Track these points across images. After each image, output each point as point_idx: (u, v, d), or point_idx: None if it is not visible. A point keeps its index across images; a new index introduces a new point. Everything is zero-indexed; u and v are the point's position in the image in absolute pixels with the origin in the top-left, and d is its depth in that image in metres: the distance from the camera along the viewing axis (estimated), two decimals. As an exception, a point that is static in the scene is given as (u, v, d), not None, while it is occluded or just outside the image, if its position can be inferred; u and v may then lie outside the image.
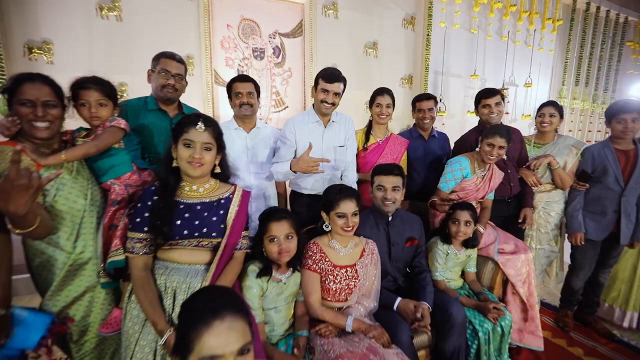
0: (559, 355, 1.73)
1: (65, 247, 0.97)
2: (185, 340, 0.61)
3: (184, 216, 0.96)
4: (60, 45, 2.53)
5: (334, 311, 1.20)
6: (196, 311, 0.63)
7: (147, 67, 2.85)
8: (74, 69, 2.51)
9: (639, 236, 1.80)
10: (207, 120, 0.97)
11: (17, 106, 0.93)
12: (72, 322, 1.00)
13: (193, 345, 0.60)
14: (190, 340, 0.60)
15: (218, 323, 0.60)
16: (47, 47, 2.52)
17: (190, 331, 0.61)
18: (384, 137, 1.78)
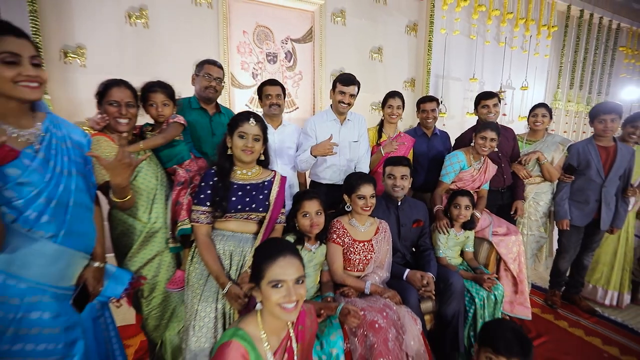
0: (547, 327, 1.99)
1: (142, 218, 1.22)
2: (259, 271, 0.87)
3: (237, 194, 1.21)
4: (93, 49, 2.77)
5: (354, 277, 1.45)
6: (267, 251, 0.89)
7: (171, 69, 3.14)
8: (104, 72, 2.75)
9: (618, 223, 2.06)
10: (257, 117, 1.22)
11: (106, 106, 1.18)
12: (144, 280, 1.25)
13: (264, 274, 0.85)
14: (262, 270, 0.86)
15: (281, 258, 0.86)
16: (80, 52, 2.77)
17: (262, 264, 0.86)
18: (394, 135, 2.04)
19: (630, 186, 2.03)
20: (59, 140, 0.99)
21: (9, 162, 0.86)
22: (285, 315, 0.86)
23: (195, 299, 1.18)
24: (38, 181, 0.90)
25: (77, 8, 2.70)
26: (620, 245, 2.20)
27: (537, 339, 1.87)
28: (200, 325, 1.16)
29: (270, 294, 0.85)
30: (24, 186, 0.88)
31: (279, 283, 0.85)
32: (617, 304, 2.23)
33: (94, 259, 1.09)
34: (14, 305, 0.90)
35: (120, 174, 1.01)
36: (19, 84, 0.86)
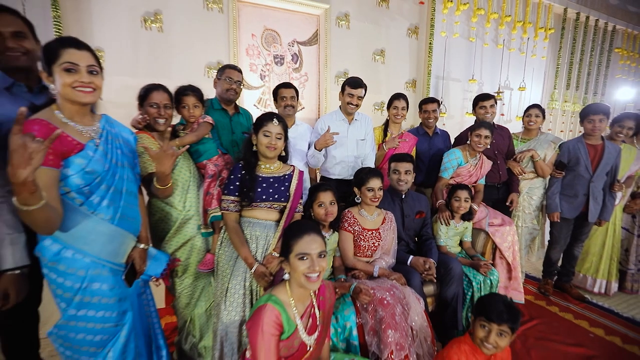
0: (539, 312, 2.17)
1: (177, 206, 1.40)
2: (287, 246, 1.05)
3: (262, 186, 1.39)
4: (110, 52, 2.94)
5: (363, 262, 1.63)
6: (295, 229, 1.07)
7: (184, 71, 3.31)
8: (121, 74, 2.94)
9: (605, 216, 2.24)
10: (279, 118, 1.40)
11: (147, 107, 1.35)
12: (179, 262, 1.42)
13: (292, 248, 1.03)
14: (290, 245, 1.04)
15: (307, 236, 1.04)
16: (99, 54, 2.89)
17: (291, 240, 1.05)
18: (398, 134, 2.22)
19: (617, 182, 2.21)
20: (113, 137, 1.16)
21: (77, 153, 1.03)
22: (309, 285, 1.03)
23: (225, 278, 1.36)
24: (100, 170, 1.07)
25: (95, 13, 2.86)
26: (608, 236, 2.38)
27: (530, 322, 2.05)
28: (231, 301, 1.33)
29: (298, 265, 1.02)
30: (89, 174, 1.06)
31: (305, 256, 1.02)
32: (605, 292, 2.41)
33: (140, 241, 1.26)
34: (80, 276, 1.07)
35: (165, 163, 1.20)
36: (76, 89, 1.03)
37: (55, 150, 0.98)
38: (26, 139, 0.83)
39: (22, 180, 0.82)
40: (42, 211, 0.91)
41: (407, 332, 1.40)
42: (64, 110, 1.06)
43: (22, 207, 0.87)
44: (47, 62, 1.03)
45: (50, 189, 0.96)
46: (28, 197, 0.86)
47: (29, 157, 0.82)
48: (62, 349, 1.14)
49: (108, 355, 1.16)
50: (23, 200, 0.86)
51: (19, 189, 0.85)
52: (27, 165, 0.82)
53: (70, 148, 1.03)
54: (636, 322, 2.10)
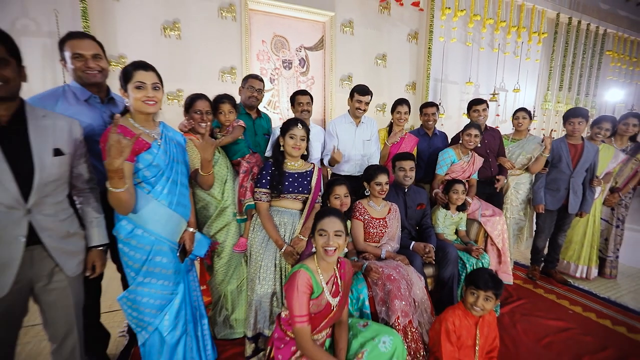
0: (526, 293, 2.49)
1: (217, 197, 1.68)
2: (314, 225, 1.35)
3: (289, 180, 1.67)
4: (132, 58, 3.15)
5: (372, 246, 1.92)
6: (321, 213, 1.36)
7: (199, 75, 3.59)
8: (142, 78, 3.19)
9: (586, 208, 2.55)
10: (302, 123, 1.68)
11: (192, 113, 1.63)
12: (218, 244, 1.70)
13: (317, 226, 1.32)
14: (316, 224, 1.34)
15: (327, 218, 1.33)
16: (122, 60, 3.20)
17: (317, 221, 1.34)
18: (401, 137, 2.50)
19: (596, 177, 2.52)
20: (169, 138, 1.44)
21: (146, 151, 1.32)
22: (326, 257, 1.32)
23: (259, 257, 1.64)
24: (162, 165, 1.36)
25: (119, 23, 3.14)
26: (589, 227, 2.69)
27: (518, 301, 2.36)
28: (264, 276, 1.62)
29: (318, 239, 1.31)
30: (155, 168, 1.34)
31: (323, 232, 1.31)
32: (586, 276, 2.72)
33: (189, 226, 1.54)
34: (147, 250, 1.36)
35: (207, 150, 1.53)
36: (144, 102, 1.31)
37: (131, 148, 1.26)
38: (120, 137, 1.12)
39: (115, 168, 1.14)
40: (125, 194, 1.21)
41: (411, 303, 1.69)
42: (135, 118, 1.35)
43: (113, 189, 1.17)
44: (124, 82, 1.31)
45: (128, 179, 1.25)
46: (118, 181, 1.17)
47: (121, 150, 1.12)
48: (130, 311, 1.43)
49: (165, 318, 1.45)
50: (114, 184, 1.17)
51: (112, 175, 1.16)
52: (119, 156, 1.13)
53: (141, 147, 1.31)
54: (611, 301, 2.41)
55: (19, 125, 1.08)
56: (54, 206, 1.15)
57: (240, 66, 3.64)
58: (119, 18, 3.11)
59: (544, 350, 1.87)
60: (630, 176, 2.67)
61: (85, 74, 1.40)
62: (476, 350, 1.52)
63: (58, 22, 2.85)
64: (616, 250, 2.80)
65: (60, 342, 1.28)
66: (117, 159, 1.13)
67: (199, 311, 1.65)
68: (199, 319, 1.65)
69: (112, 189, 1.17)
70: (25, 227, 1.07)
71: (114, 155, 1.12)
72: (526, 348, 1.89)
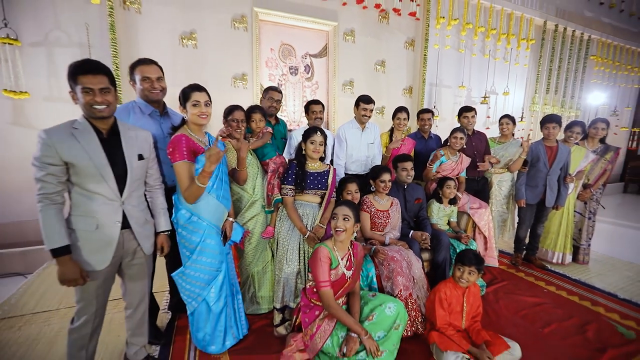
0: (509, 276, 2.92)
1: (248, 191, 2.07)
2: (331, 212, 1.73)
3: (310, 178, 2.06)
4: (153, 66, 3.53)
5: (377, 234, 2.32)
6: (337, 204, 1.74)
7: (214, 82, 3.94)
8: (162, 85, 3.52)
9: (561, 202, 2.98)
10: (322, 131, 2.06)
11: (230, 122, 1.99)
12: (249, 233, 2.08)
13: (332, 214, 1.70)
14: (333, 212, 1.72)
15: (339, 207, 1.73)
16: (143, 68, 3.52)
17: (333, 210, 1.72)
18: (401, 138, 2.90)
19: (569, 175, 2.95)
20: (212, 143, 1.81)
21: (201, 154, 1.68)
22: (337, 236, 1.71)
23: (286, 242, 2.03)
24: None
25: (142, 34, 3.48)
26: (564, 218, 3.13)
27: (501, 282, 2.79)
28: (290, 258, 2.01)
29: (332, 222, 1.71)
30: None
31: (335, 216, 1.70)
32: (562, 262, 3.17)
33: (229, 216, 1.91)
34: (200, 234, 1.74)
35: (243, 149, 1.91)
36: (199, 116, 1.68)
37: (191, 151, 1.63)
38: (219, 149, 1.50)
39: (211, 170, 1.57)
40: (204, 188, 1.60)
41: (410, 279, 2.09)
42: (191, 128, 1.72)
43: (202, 185, 1.59)
44: (183, 100, 1.67)
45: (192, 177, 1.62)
46: (206, 179, 1.59)
47: (219, 159, 1.53)
48: (184, 284, 1.81)
49: (211, 290, 1.83)
50: (203, 182, 1.59)
51: (205, 175, 1.58)
52: (216, 162, 1.55)
53: (198, 150, 1.68)
54: (581, 282, 2.86)
55: (115, 137, 1.44)
56: (137, 199, 1.52)
57: (251, 72, 4.00)
58: (141, 29, 3.45)
59: (520, 319, 2.30)
60: (600, 174, 3.12)
61: (151, 93, 1.76)
62: (463, 315, 1.93)
63: (88, 34, 3.18)
64: (588, 239, 3.25)
65: (135, 308, 1.65)
66: (215, 164, 1.56)
67: (235, 287, 2.03)
68: (235, 294, 2.02)
69: (200, 185, 1.60)
70: (120, 215, 1.44)
71: (214, 162, 1.55)
72: (506, 318, 2.31)
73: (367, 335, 1.65)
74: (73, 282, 1.34)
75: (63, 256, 1.31)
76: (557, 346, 2.02)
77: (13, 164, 3.09)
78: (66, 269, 1.32)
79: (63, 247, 1.30)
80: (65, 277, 1.32)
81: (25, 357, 1.83)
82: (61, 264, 1.31)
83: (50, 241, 1.29)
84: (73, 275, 1.33)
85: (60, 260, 1.31)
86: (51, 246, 1.29)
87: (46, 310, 2.28)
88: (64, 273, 1.32)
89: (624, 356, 1.94)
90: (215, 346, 1.88)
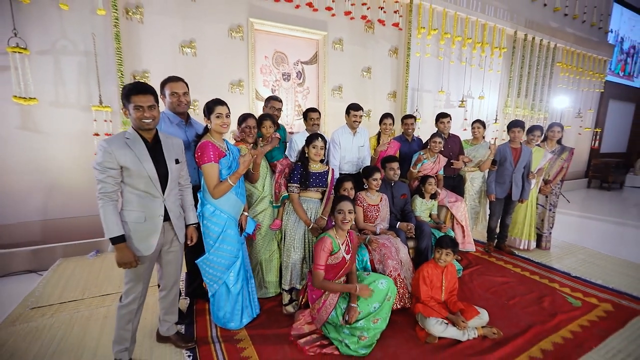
0: (482, 261, 3.44)
1: (259, 188, 2.44)
2: (333, 207, 2.14)
3: (312, 178, 2.45)
4: (154, 73, 3.82)
5: (370, 225, 2.74)
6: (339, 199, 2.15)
7: (213, 88, 4.28)
8: (163, 91, 3.79)
9: (525, 195, 3.52)
10: (322, 137, 2.45)
11: (244, 128, 2.35)
12: (260, 226, 2.44)
13: (337, 209, 2.12)
14: (334, 207, 2.14)
15: (342, 202, 2.13)
16: (145, 75, 3.81)
17: (335, 204, 2.13)
18: (387, 142, 3.33)
19: (531, 172, 3.48)
20: (231, 149, 2.16)
21: (223, 157, 2.04)
22: (343, 226, 2.12)
23: (293, 232, 2.42)
24: (233, 166, 2.08)
25: (144, 43, 3.76)
26: (528, 210, 3.67)
27: (475, 266, 3.29)
28: (297, 246, 2.39)
29: (337, 216, 2.11)
30: (228, 169, 2.07)
31: (341, 211, 2.10)
32: (527, 248, 3.72)
33: (244, 211, 2.27)
34: (222, 225, 2.11)
35: (259, 156, 2.32)
36: (221, 126, 2.03)
37: (217, 154, 1.98)
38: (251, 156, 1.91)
39: (243, 172, 1.98)
40: (232, 186, 2.00)
41: (399, 262, 2.52)
42: (214, 136, 2.07)
43: (233, 184, 1.99)
44: (208, 112, 2.02)
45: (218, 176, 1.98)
46: (236, 180, 1.99)
47: (250, 164, 1.88)
48: (208, 269, 2.16)
49: (230, 274, 2.19)
50: (234, 182, 1.99)
51: (237, 176, 2.02)
52: (248, 166, 1.97)
53: (221, 155, 2.03)
54: (542, 264, 3.40)
55: (157, 144, 1.77)
56: (174, 196, 1.85)
57: (247, 79, 4.34)
58: (143, 38, 3.72)
59: (490, 294, 2.79)
60: (558, 171, 3.68)
61: (178, 106, 2.10)
62: (442, 289, 2.37)
63: (95, 43, 3.42)
64: (550, 228, 3.81)
65: (169, 290, 1.98)
66: (247, 168, 2.02)
67: (249, 273, 2.39)
68: (249, 279, 2.38)
69: (232, 183, 2.02)
70: (162, 209, 1.77)
71: (246, 165, 2.02)
72: (478, 294, 2.79)
73: (357, 289, 2.08)
74: (128, 265, 1.66)
75: (120, 243, 1.63)
76: (518, 313, 2.51)
77: (21, 166, 3.29)
78: (122, 254, 1.64)
79: (119, 236, 1.63)
80: (122, 260, 1.64)
81: (65, 337, 2.12)
82: (118, 250, 1.64)
83: (110, 231, 1.61)
84: (128, 259, 1.65)
85: (117, 247, 1.63)
86: (110, 235, 1.61)
87: (72, 300, 2.56)
88: (121, 257, 1.64)
89: (570, 319, 2.46)
90: (234, 323, 2.24)
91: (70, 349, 2.01)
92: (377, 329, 2.09)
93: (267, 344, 2.11)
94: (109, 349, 1.90)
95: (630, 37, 9.45)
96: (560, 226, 4.68)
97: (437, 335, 2.15)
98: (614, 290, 2.89)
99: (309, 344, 2.07)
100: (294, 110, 4.79)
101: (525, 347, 2.12)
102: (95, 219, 3.66)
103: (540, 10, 6.93)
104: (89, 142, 3.49)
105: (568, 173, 9.02)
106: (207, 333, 2.22)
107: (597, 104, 8.76)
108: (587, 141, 8.79)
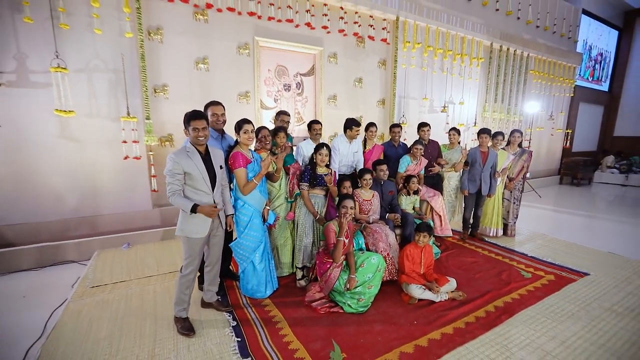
0: (457, 246, 4.25)
1: (277, 187, 3.16)
2: (339, 204, 2.87)
3: (319, 178, 3.17)
4: (173, 86, 4.45)
5: (364, 216, 3.47)
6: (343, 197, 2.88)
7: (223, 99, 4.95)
8: (180, 102, 4.47)
9: (492, 191, 4.34)
10: (327, 146, 3.15)
11: (260, 138, 3.03)
12: (279, 217, 3.14)
13: (341, 205, 2.84)
14: (339, 204, 2.87)
15: (345, 200, 2.87)
16: (165, 88, 4.44)
17: (340, 202, 2.85)
18: (372, 147, 4.07)
19: (497, 172, 4.29)
20: (255, 156, 2.85)
21: (249, 163, 2.73)
22: (348, 219, 2.82)
23: (304, 221, 3.14)
24: (257, 170, 2.77)
25: (163, 59, 4.39)
26: (496, 203, 4.49)
27: (451, 250, 4.09)
28: (307, 232, 3.11)
29: (341, 210, 2.83)
30: (254, 172, 2.75)
31: (344, 207, 2.82)
32: (495, 235, 4.54)
33: (266, 205, 2.96)
34: (250, 215, 2.83)
35: (279, 162, 3.02)
36: (248, 139, 2.72)
37: (245, 161, 2.67)
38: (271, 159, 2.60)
39: (264, 174, 2.70)
40: (256, 184, 2.66)
41: (388, 245, 3.26)
42: (242, 147, 2.75)
43: (257, 182, 2.66)
44: (238, 129, 2.70)
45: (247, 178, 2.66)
46: (259, 180, 2.71)
47: (269, 165, 2.61)
48: (239, 250, 2.85)
49: (256, 255, 2.89)
50: (258, 180, 2.72)
51: (260, 178, 2.73)
52: (267, 169, 2.71)
53: (248, 161, 2.72)
54: (506, 247, 4.23)
55: (207, 155, 2.44)
56: (219, 193, 2.52)
57: (253, 90, 5.01)
58: (162, 55, 4.35)
59: (460, 270, 3.57)
60: (519, 170, 4.51)
61: (217, 124, 2.77)
62: (421, 264, 3.12)
63: (124, 62, 4.02)
64: (514, 218, 4.64)
65: (213, 265, 2.66)
66: (267, 170, 2.72)
67: (269, 255, 3.08)
68: (270, 259, 3.07)
69: (257, 182, 2.72)
70: (212, 202, 2.43)
71: (267, 168, 2.73)
72: (451, 270, 3.58)
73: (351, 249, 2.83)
74: (212, 213, 2.37)
75: (198, 207, 2.30)
76: (481, 283, 3.29)
77: (60, 170, 3.88)
78: (204, 210, 2.33)
79: (194, 206, 2.30)
80: (207, 213, 2.34)
81: (128, 305, 2.77)
82: (200, 210, 2.32)
83: (187, 207, 2.29)
84: (209, 210, 2.35)
85: (199, 209, 2.31)
86: (189, 209, 2.29)
87: (122, 280, 3.20)
88: (206, 212, 2.33)
89: (520, 286, 3.26)
90: (260, 293, 2.93)
91: (135, 312, 2.66)
92: (371, 293, 2.82)
93: (288, 307, 2.81)
94: (165, 312, 2.58)
95: (598, 45, 10.52)
96: (528, 218, 5.54)
97: (417, 297, 2.90)
98: (559, 265, 3.72)
99: (320, 305, 2.79)
100: (294, 117, 5.47)
101: (482, 305, 2.90)
102: (124, 216, 4.28)
103: (514, 24, 7.82)
104: (118, 148, 4.09)
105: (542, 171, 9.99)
106: (238, 302, 2.90)
107: (568, 107, 9.77)
108: (560, 141, 9.79)
